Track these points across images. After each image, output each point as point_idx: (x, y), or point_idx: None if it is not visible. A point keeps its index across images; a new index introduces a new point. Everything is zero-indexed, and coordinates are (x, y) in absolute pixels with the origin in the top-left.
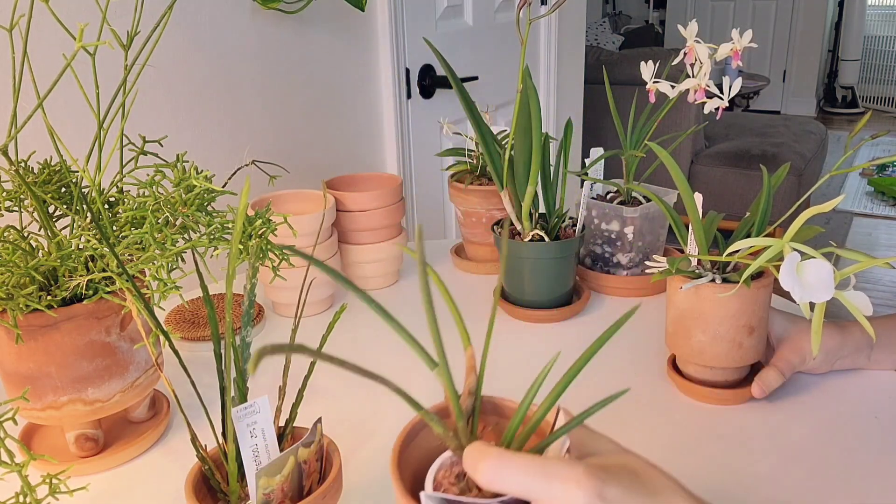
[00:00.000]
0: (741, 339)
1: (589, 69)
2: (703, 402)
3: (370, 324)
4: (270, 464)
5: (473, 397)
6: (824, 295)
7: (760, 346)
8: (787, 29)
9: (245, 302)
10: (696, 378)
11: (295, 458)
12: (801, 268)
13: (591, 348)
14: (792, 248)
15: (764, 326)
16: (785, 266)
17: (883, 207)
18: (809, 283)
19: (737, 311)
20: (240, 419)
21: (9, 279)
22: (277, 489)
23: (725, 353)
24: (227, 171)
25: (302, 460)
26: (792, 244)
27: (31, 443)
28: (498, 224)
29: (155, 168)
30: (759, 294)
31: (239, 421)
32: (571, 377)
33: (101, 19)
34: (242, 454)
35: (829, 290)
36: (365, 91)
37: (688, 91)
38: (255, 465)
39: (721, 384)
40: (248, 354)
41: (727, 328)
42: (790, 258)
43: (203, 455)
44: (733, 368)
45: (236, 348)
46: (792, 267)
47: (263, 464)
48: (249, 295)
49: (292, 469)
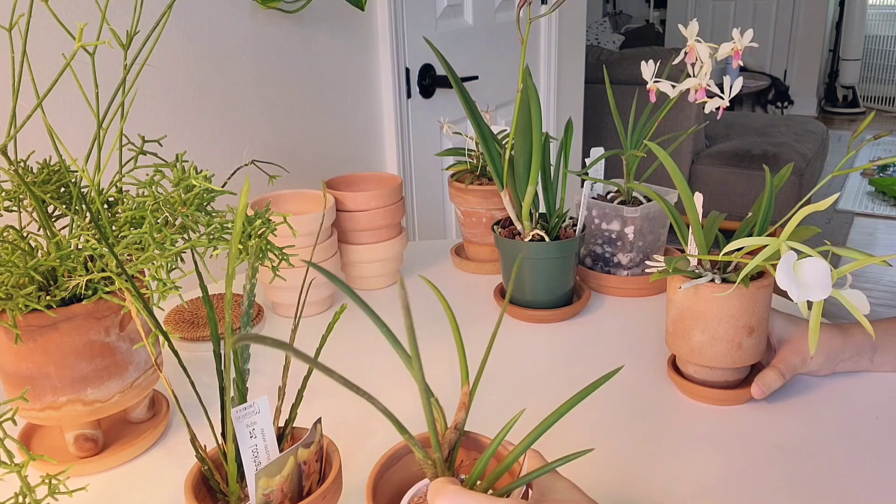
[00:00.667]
0: (741, 340)
1: (589, 68)
2: (703, 402)
3: (373, 326)
4: (270, 464)
5: (458, 433)
6: (821, 293)
7: (761, 347)
8: (788, 28)
9: (245, 302)
10: (695, 378)
11: (295, 459)
12: (798, 266)
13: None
14: (789, 248)
15: (764, 327)
16: (781, 265)
17: (884, 207)
18: (806, 282)
19: (736, 311)
20: (239, 419)
21: (8, 279)
22: (277, 490)
23: (725, 354)
24: (226, 170)
25: (302, 461)
26: (789, 243)
27: (31, 443)
28: (498, 224)
29: (154, 168)
30: (759, 294)
31: (238, 421)
32: (549, 424)
33: (100, 19)
34: (242, 455)
35: (826, 289)
36: (365, 91)
37: (688, 91)
38: (255, 466)
39: (721, 385)
40: (248, 355)
41: (726, 328)
42: (787, 257)
43: (202, 455)
44: (733, 369)
45: (236, 349)
46: (788, 266)
47: (263, 464)
48: (249, 295)
49: (292, 470)
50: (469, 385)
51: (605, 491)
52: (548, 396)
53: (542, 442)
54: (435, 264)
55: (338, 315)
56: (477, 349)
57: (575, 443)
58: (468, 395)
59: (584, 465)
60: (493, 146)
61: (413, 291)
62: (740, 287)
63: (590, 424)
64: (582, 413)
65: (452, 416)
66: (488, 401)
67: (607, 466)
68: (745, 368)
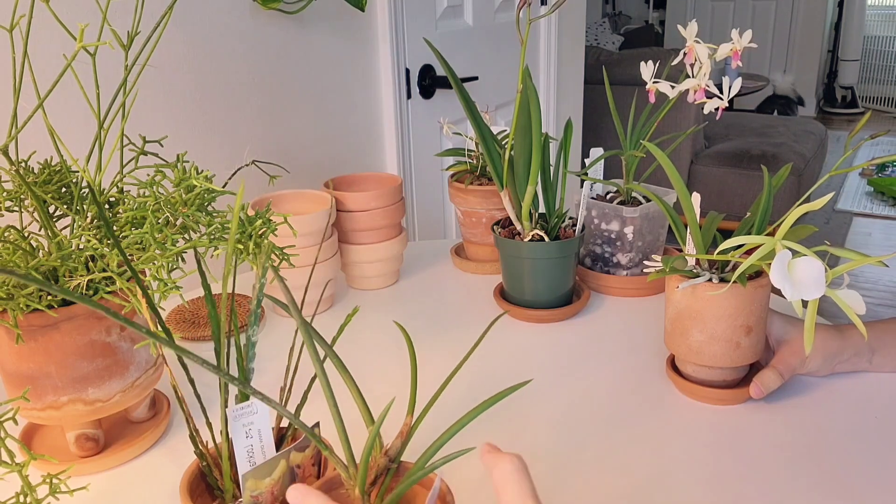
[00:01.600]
0: (738, 339)
1: (589, 69)
2: (702, 401)
3: (373, 327)
4: (260, 466)
5: (387, 459)
6: (815, 292)
7: (759, 347)
8: (787, 29)
9: (253, 301)
10: (694, 378)
11: (287, 462)
12: (792, 265)
13: (479, 408)
14: (784, 247)
15: (762, 326)
16: (776, 264)
17: (882, 207)
18: (800, 281)
19: (734, 310)
20: (236, 418)
21: (9, 279)
22: (267, 492)
23: (723, 353)
24: (227, 171)
25: (295, 464)
26: (784, 242)
27: (32, 443)
28: (498, 224)
29: (155, 168)
30: (757, 294)
31: (235, 420)
32: (446, 439)
33: (101, 19)
34: (236, 454)
35: (820, 288)
36: (365, 91)
37: (687, 91)
38: (249, 466)
39: (720, 384)
40: (254, 354)
41: (724, 328)
42: (781, 256)
43: (202, 451)
44: (731, 368)
45: (240, 347)
46: (783, 264)
47: (258, 465)
48: (258, 295)
49: (283, 472)
50: (412, 417)
51: (604, 490)
52: (549, 396)
53: (543, 440)
54: (435, 264)
55: (349, 318)
56: (477, 350)
57: (573, 442)
58: (409, 427)
59: (584, 465)
60: (492, 146)
61: (413, 292)
62: (737, 286)
63: (588, 423)
64: (580, 412)
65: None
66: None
67: (606, 465)
68: (743, 368)
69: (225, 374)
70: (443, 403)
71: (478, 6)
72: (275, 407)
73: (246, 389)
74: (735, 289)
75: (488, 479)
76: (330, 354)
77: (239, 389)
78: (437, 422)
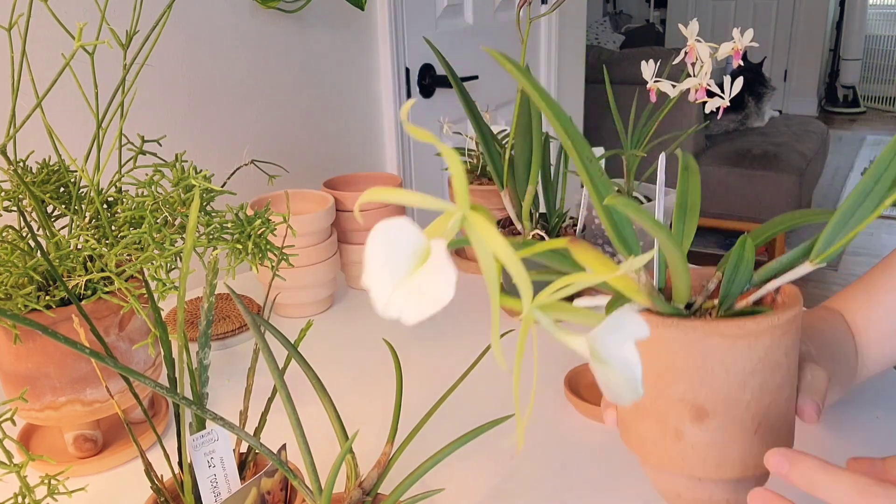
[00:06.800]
0: (679, 425)
1: (589, 68)
2: None
3: (373, 326)
4: (230, 498)
5: (361, 490)
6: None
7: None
8: (789, 28)
9: (202, 322)
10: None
11: (258, 490)
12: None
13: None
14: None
15: (735, 414)
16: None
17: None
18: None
19: (663, 367)
20: (196, 448)
21: (7, 279)
22: None
23: (660, 445)
24: (226, 170)
25: (265, 491)
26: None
27: (30, 443)
28: (498, 224)
29: (154, 167)
30: (716, 344)
31: (196, 450)
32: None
33: (100, 18)
34: (200, 486)
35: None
36: (365, 91)
37: (688, 90)
38: (214, 498)
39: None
40: (206, 378)
41: (653, 397)
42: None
43: (159, 486)
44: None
45: (192, 371)
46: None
47: (223, 495)
48: (207, 315)
49: (255, 501)
50: (392, 445)
51: (608, 493)
52: (548, 397)
53: (549, 438)
54: None
55: (303, 332)
56: (476, 351)
57: (577, 442)
58: (387, 457)
59: (585, 465)
60: (493, 146)
61: None
62: (668, 324)
63: (587, 421)
64: (580, 412)
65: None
66: (487, 402)
67: (607, 466)
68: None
69: (181, 398)
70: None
71: (478, 5)
72: (238, 433)
73: (204, 414)
74: (665, 328)
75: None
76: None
77: (195, 414)
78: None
